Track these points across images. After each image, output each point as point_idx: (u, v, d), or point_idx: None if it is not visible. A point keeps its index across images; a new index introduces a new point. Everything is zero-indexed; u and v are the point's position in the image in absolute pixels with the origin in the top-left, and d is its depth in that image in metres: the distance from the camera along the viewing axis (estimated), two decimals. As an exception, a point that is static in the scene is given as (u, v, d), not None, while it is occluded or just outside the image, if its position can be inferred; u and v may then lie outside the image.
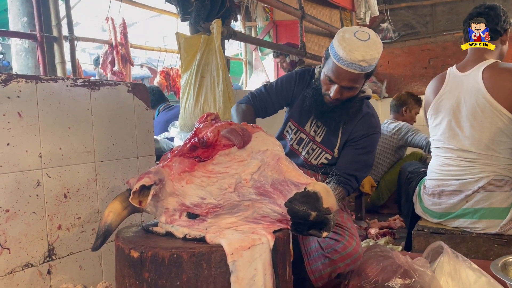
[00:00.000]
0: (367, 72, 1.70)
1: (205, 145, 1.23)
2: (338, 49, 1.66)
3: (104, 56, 4.31)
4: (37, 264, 1.47)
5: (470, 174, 2.03)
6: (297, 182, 1.13)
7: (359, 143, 1.85)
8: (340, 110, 1.82)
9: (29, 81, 1.46)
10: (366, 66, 1.65)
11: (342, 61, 1.66)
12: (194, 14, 2.66)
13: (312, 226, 1.11)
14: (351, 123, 1.86)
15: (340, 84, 1.72)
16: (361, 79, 1.72)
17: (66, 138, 1.57)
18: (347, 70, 1.67)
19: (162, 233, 1.22)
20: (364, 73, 1.70)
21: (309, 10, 4.52)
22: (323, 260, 1.61)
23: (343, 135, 1.87)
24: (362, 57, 1.63)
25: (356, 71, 1.66)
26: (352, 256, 1.59)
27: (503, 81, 1.98)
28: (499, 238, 1.99)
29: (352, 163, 1.84)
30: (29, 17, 3.27)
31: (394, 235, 2.92)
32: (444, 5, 5.54)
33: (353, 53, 1.63)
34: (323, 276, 1.62)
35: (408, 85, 5.70)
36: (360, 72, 1.67)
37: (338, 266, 1.60)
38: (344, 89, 1.74)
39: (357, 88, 1.76)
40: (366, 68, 1.67)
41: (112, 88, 1.76)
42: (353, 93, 1.77)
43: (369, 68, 1.68)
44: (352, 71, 1.66)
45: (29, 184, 1.45)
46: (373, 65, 1.70)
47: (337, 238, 1.61)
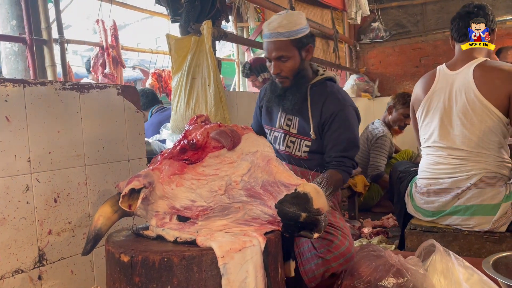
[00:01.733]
0: (294, 39, 1.82)
1: (195, 147, 1.23)
2: (263, 28, 1.88)
3: (95, 58, 4.27)
4: (27, 269, 1.45)
5: (462, 171, 2.04)
6: (288, 183, 1.13)
7: (333, 124, 1.88)
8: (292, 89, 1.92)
9: (16, 85, 1.44)
10: (285, 31, 1.80)
11: (265, 36, 1.86)
12: (184, 15, 2.64)
13: (303, 227, 1.11)
14: (317, 105, 1.91)
15: (271, 56, 1.85)
16: (289, 46, 1.83)
17: (55, 142, 1.55)
18: (270, 41, 1.83)
19: (153, 237, 1.21)
20: (291, 41, 1.81)
21: (300, 10, 4.53)
22: (316, 260, 1.61)
23: (314, 118, 1.91)
24: (277, 24, 1.81)
25: (278, 39, 1.81)
26: (345, 256, 1.59)
27: (493, 79, 1.99)
28: (491, 236, 2.00)
29: (336, 146, 1.87)
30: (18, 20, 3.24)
31: (388, 234, 2.92)
32: (434, 4, 5.57)
33: (270, 24, 1.83)
34: (316, 276, 1.62)
35: (400, 84, 5.72)
36: (283, 39, 1.81)
37: (331, 266, 1.59)
38: (279, 62, 1.85)
39: (290, 57, 1.84)
40: (287, 34, 1.80)
41: (102, 91, 1.75)
42: (290, 64, 1.86)
43: (291, 34, 1.81)
44: (275, 39, 1.82)
45: (18, 189, 1.43)
46: (295, 31, 1.82)
47: (330, 238, 1.61)
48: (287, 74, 1.88)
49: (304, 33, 1.86)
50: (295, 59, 1.86)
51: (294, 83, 1.91)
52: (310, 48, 1.90)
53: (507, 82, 1.96)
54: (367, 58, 5.92)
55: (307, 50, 1.89)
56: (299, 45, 1.85)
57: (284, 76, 1.88)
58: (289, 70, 1.87)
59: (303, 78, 1.92)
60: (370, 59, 5.91)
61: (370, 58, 5.91)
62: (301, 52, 1.87)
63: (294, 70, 1.88)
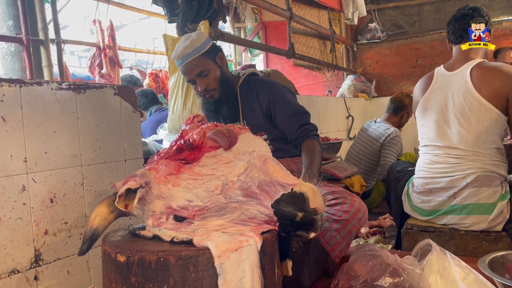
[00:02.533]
0: (204, 53, 1.95)
1: (191, 147, 1.22)
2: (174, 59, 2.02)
3: (92, 58, 4.28)
4: (23, 270, 1.45)
5: (458, 170, 2.05)
6: (284, 183, 1.13)
7: (275, 107, 1.99)
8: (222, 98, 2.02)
9: (12, 85, 1.44)
10: (192, 50, 1.94)
11: (178, 64, 2.00)
12: (181, 15, 2.64)
13: (299, 227, 1.11)
14: (253, 100, 2.02)
15: (193, 76, 1.97)
16: (203, 60, 1.96)
17: (51, 142, 1.55)
18: (185, 64, 1.96)
19: (149, 237, 1.21)
20: (202, 55, 1.95)
21: (297, 11, 4.53)
22: (336, 225, 1.65)
23: (256, 112, 2.02)
24: (183, 48, 1.95)
25: (190, 58, 1.94)
26: (361, 210, 1.68)
27: (492, 79, 2.00)
28: (487, 235, 2.01)
29: (290, 122, 1.96)
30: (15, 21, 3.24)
31: (384, 234, 2.93)
32: (431, 4, 5.59)
33: (177, 52, 1.97)
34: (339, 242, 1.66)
35: (397, 85, 5.74)
36: (194, 57, 1.94)
37: (352, 225, 1.65)
38: (201, 77, 1.97)
39: (208, 69, 1.97)
40: (195, 51, 1.93)
41: (98, 91, 1.74)
42: (212, 76, 1.97)
43: (199, 49, 1.94)
44: (188, 60, 1.95)
45: (14, 189, 1.43)
46: (200, 46, 1.95)
47: (341, 201, 1.68)
48: (214, 85, 1.99)
49: (209, 45, 2.00)
50: (214, 69, 1.99)
51: (224, 92, 2.02)
52: (222, 55, 2.04)
53: (506, 83, 1.97)
54: (364, 59, 5.94)
55: (220, 58, 2.02)
56: (210, 56, 1.99)
57: (212, 89, 1.99)
58: (213, 80, 1.98)
59: (228, 84, 2.03)
60: (367, 59, 5.92)
61: (367, 58, 5.92)
62: (215, 61, 2.00)
63: (219, 80, 1.99)
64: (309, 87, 5.69)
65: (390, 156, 3.51)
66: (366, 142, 3.66)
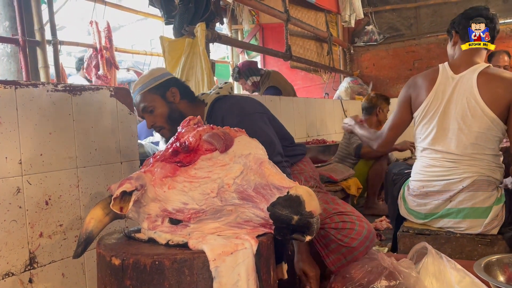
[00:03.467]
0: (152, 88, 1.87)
1: (187, 149, 1.22)
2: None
3: (89, 60, 4.27)
4: (18, 272, 1.44)
5: (454, 174, 2.04)
6: (280, 186, 1.13)
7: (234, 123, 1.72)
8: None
9: (8, 86, 1.43)
10: (141, 85, 1.89)
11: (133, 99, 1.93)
12: (178, 17, 2.64)
13: (295, 230, 1.11)
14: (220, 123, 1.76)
15: (139, 112, 1.90)
16: (148, 96, 1.87)
17: (47, 144, 1.54)
18: (135, 99, 1.91)
19: (144, 240, 1.21)
20: (148, 90, 1.87)
21: (295, 13, 4.54)
22: (342, 250, 1.66)
23: None
24: (137, 82, 1.93)
25: (138, 94, 1.88)
26: (369, 237, 1.68)
27: (495, 87, 2.00)
28: (483, 238, 2.01)
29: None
30: (11, 22, 3.22)
31: (381, 237, 2.93)
32: (428, 7, 5.61)
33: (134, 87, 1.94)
34: (344, 264, 1.67)
35: (394, 87, 5.75)
36: (141, 92, 1.87)
37: (359, 251, 1.65)
38: (147, 114, 1.88)
39: (154, 105, 1.86)
40: (143, 86, 1.88)
41: (94, 92, 1.74)
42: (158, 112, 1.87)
43: (147, 85, 1.88)
44: (137, 95, 1.89)
45: (9, 191, 1.42)
46: (149, 81, 1.88)
47: (349, 226, 1.68)
48: (161, 123, 1.87)
49: (162, 80, 1.89)
50: (161, 106, 1.86)
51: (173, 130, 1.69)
52: (175, 90, 1.89)
53: (509, 91, 1.97)
54: (361, 61, 5.95)
55: (172, 94, 1.89)
56: (160, 91, 1.87)
57: (159, 126, 1.88)
58: (160, 118, 1.87)
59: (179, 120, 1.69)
60: (364, 62, 5.94)
61: (364, 61, 5.94)
62: (165, 97, 1.87)
63: (165, 117, 1.87)
64: (306, 89, 5.70)
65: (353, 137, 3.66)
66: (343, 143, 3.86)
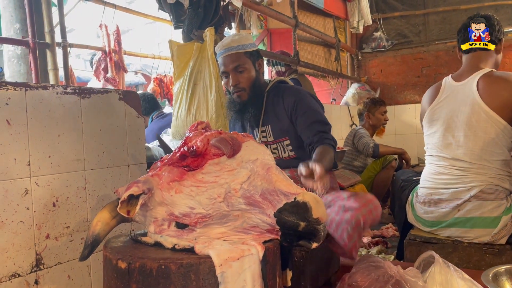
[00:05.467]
0: (247, 52, 2.01)
1: (195, 154, 1.22)
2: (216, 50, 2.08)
3: (98, 62, 4.30)
4: (24, 274, 1.45)
5: (462, 183, 2.03)
6: (287, 192, 1.12)
7: (298, 111, 2.00)
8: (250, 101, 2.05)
9: (18, 88, 1.44)
10: (238, 45, 1.99)
11: (220, 54, 2.03)
12: (187, 22, 2.66)
13: (302, 237, 1.11)
14: (279, 105, 2.04)
15: (229, 68, 2.00)
16: (243, 58, 2.01)
17: (55, 146, 1.55)
18: (226, 55, 2.01)
19: (151, 243, 1.21)
20: (244, 53, 2.00)
21: (303, 18, 4.54)
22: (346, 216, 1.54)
23: (282, 116, 2.04)
24: (230, 41, 2.01)
25: (233, 51, 1.99)
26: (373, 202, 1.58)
27: (499, 90, 1.98)
28: (491, 248, 1.99)
29: (310, 127, 1.96)
30: (21, 24, 3.26)
31: (387, 244, 2.91)
32: (437, 14, 5.59)
33: (223, 43, 2.03)
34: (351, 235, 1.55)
35: (401, 94, 5.73)
36: (237, 51, 1.99)
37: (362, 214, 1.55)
38: (236, 73, 2.00)
39: (246, 68, 2.01)
40: (240, 47, 1.99)
41: (103, 95, 1.75)
42: (246, 75, 2.01)
43: (244, 47, 2.00)
44: (230, 53, 1.99)
45: (17, 192, 1.43)
46: (246, 44, 2.01)
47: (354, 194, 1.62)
48: (244, 85, 2.01)
49: (255, 48, 2.07)
50: (251, 70, 2.02)
51: (252, 96, 2.04)
52: (262, 62, 2.08)
53: None
54: (368, 67, 5.94)
55: (259, 64, 2.07)
56: (252, 58, 2.03)
57: (241, 88, 2.01)
58: (246, 80, 2.01)
59: (259, 90, 2.06)
60: (371, 68, 5.92)
61: (371, 67, 5.92)
62: (255, 64, 2.05)
63: (251, 81, 2.02)
64: (313, 95, 5.68)
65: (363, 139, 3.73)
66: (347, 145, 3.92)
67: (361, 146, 3.72)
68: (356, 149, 3.81)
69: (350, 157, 3.83)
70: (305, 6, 4.60)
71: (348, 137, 3.93)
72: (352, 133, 3.90)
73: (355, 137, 3.82)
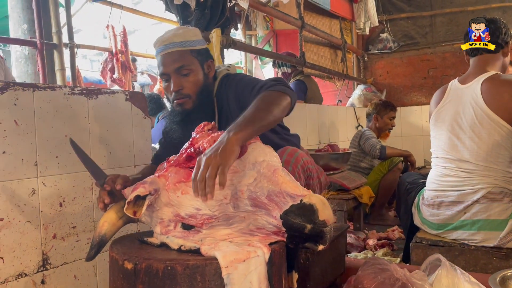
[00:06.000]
0: (194, 50, 1.60)
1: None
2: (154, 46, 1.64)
3: (104, 63, 4.32)
4: (31, 273, 1.45)
5: (469, 185, 2.02)
6: (293, 194, 1.12)
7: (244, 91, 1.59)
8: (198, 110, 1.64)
9: (26, 89, 1.45)
10: (182, 40, 1.58)
11: (159, 50, 1.60)
12: (193, 23, 2.66)
13: (308, 239, 1.10)
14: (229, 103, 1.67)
15: (169, 70, 1.58)
16: (189, 57, 1.60)
17: (62, 146, 1.56)
18: (166, 53, 1.58)
19: (157, 244, 1.21)
20: (190, 51, 1.60)
21: (309, 20, 4.54)
22: None
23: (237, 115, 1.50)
24: (173, 35, 1.59)
25: (176, 48, 1.58)
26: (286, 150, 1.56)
27: (502, 93, 1.97)
28: (498, 251, 1.97)
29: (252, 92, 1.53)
30: (29, 24, 3.28)
31: (393, 247, 2.90)
32: (444, 16, 5.56)
33: (163, 37, 1.60)
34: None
35: (407, 95, 5.70)
36: (181, 48, 1.58)
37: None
38: (179, 76, 1.58)
39: (192, 70, 1.59)
40: (185, 43, 1.59)
41: (110, 96, 1.76)
42: (192, 79, 1.59)
43: (190, 44, 1.60)
44: (172, 50, 1.58)
45: (24, 192, 1.44)
46: (193, 41, 1.61)
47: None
48: (189, 91, 1.60)
49: (204, 46, 1.66)
50: (198, 73, 1.61)
51: (198, 104, 1.63)
52: (212, 64, 1.68)
53: None
54: (375, 69, 5.92)
55: (208, 66, 1.66)
56: (200, 58, 1.63)
57: (185, 94, 1.59)
58: (191, 85, 1.60)
59: (207, 96, 1.65)
60: (377, 69, 5.90)
61: (378, 68, 5.91)
62: (203, 65, 1.64)
63: (198, 87, 1.61)
64: (319, 96, 5.67)
65: (369, 140, 3.72)
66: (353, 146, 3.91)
67: (367, 147, 3.71)
68: (363, 150, 3.80)
69: (356, 158, 3.82)
70: (311, 7, 4.59)
71: (354, 138, 3.92)
72: (358, 134, 3.89)
73: (362, 138, 3.80)
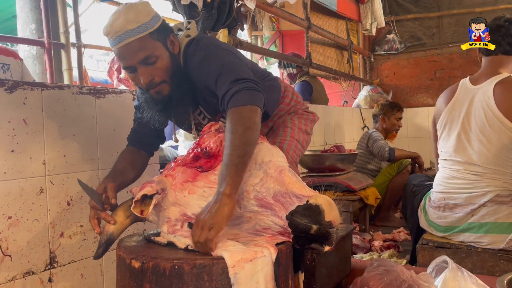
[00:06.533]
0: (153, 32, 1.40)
1: (208, 155, 1.23)
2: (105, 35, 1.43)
3: (111, 63, 4.33)
4: (38, 271, 1.46)
5: (477, 188, 2.00)
6: (299, 195, 1.12)
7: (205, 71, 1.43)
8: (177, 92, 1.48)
9: (35, 88, 1.46)
10: (137, 26, 1.37)
11: (114, 43, 1.39)
12: (200, 23, 2.66)
13: (314, 240, 1.10)
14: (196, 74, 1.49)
15: (134, 62, 1.40)
16: (151, 43, 1.40)
17: (70, 145, 1.57)
18: (124, 45, 1.38)
19: (164, 243, 1.21)
20: (150, 34, 1.40)
21: (315, 20, 4.53)
22: None
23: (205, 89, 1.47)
24: (124, 22, 1.36)
25: (133, 37, 1.37)
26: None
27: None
28: (505, 254, 1.96)
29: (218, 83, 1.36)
30: (37, 24, 3.30)
31: (399, 248, 2.89)
32: (451, 17, 5.54)
33: (113, 25, 1.38)
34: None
35: (414, 96, 5.68)
36: (139, 35, 1.37)
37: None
38: (146, 66, 1.40)
39: (158, 56, 1.41)
40: (142, 28, 1.38)
41: (118, 96, 1.77)
42: (160, 64, 1.42)
43: (146, 27, 1.39)
44: (130, 40, 1.37)
45: (32, 191, 1.45)
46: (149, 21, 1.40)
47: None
48: (163, 77, 1.43)
49: (160, 22, 1.45)
50: (164, 55, 1.43)
51: (176, 85, 1.46)
52: (174, 38, 1.48)
53: None
54: (381, 70, 5.90)
55: (171, 42, 1.47)
56: (161, 37, 1.43)
57: (159, 82, 1.43)
58: (162, 72, 1.43)
59: (180, 73, 1.47)
60: (384, 70, 5.89)
61: (384, 69, 5.89)
62: (166, 45, 1.45)
63: (169, 71, 1.44)
64: (324, 97, 5.67)
65: (377, 142, 3.69)
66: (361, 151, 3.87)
67: (376, 149, 3.68)
68: (370, 152, 3.77)
69: (364, 160, 3.80)
70: (318, 8, 4.59)
71: (362, 140, 3.90)
72: (366, 136, 3.87)
73: (370, 140, 3.78)
